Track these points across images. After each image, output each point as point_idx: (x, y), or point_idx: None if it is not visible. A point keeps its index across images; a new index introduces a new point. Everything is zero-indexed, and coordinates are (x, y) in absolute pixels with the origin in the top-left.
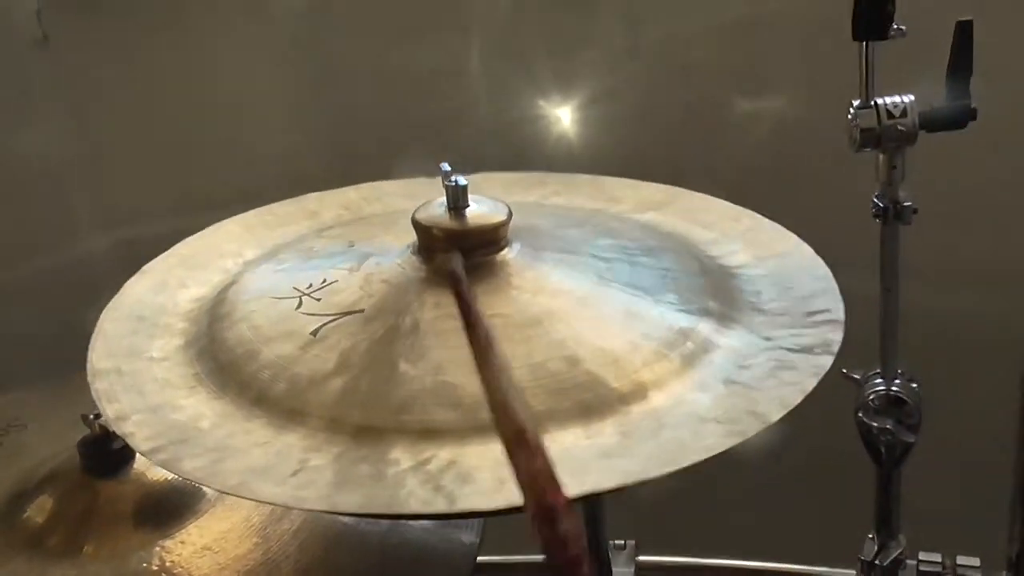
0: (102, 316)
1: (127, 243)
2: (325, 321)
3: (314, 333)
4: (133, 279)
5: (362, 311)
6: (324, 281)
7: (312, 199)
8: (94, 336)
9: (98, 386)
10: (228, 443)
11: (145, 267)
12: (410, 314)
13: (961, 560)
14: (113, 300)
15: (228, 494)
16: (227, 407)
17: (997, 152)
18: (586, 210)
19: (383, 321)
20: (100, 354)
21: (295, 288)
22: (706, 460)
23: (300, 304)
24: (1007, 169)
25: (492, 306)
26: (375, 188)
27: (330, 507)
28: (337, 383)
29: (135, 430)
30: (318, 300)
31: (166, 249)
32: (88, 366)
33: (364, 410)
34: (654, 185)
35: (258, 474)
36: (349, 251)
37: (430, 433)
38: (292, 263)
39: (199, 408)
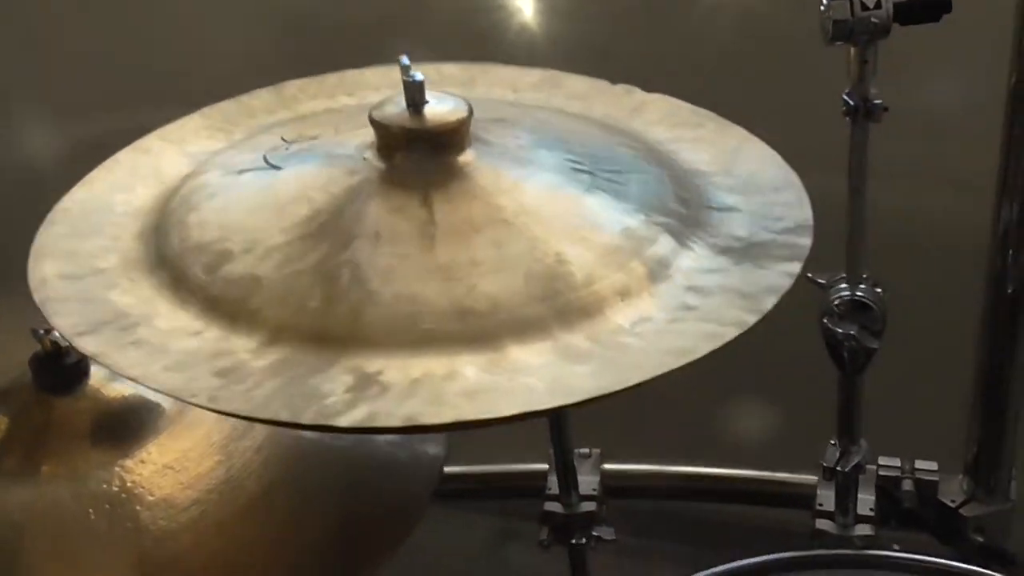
0: (47, 219)
1: (74, 143)
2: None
3: None
4: (78, 186)
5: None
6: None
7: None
8: (36, 242)
9: (42, 297)
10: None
11: (87, 176)
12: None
13: (919, 464)
14: (59, 204)
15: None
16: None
17: (969, 50)
18: (549, 108)
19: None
20: (43, 262)
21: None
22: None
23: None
24: (979, 69)
25: (456, 208)
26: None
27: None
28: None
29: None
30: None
31: (111, 148)
32: (30, 276)
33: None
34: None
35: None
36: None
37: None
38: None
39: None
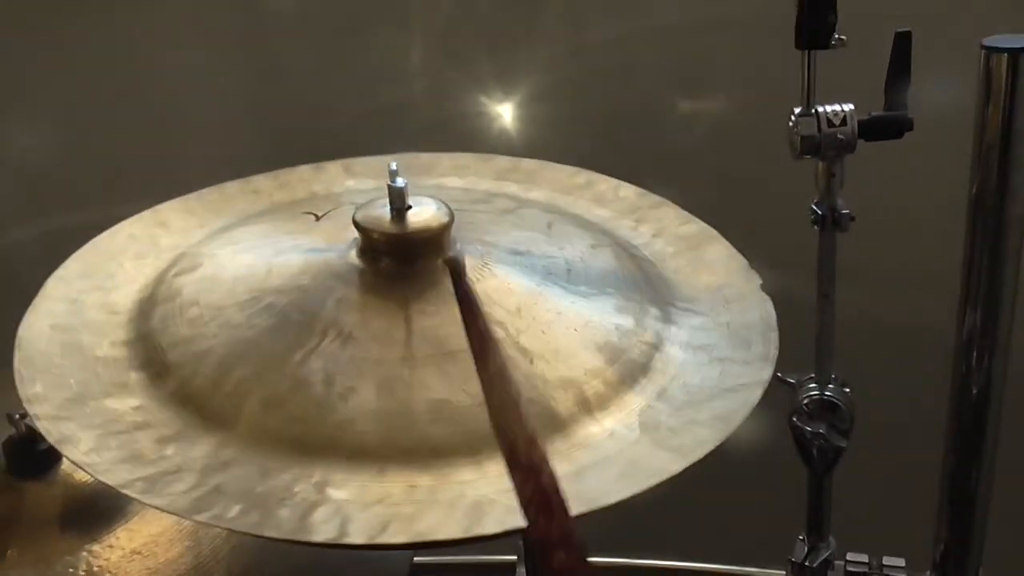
0: (29, 310)
1: (53, 234)
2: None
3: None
4: (28, 318)
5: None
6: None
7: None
8: (16, 365)
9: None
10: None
11: (34, 303)
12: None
13: (887, 560)
14: (40, 294)
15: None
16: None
17: (932, 160)
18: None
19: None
20: (31, 385)
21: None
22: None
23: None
24: (942, 177)
25: (438, 314)
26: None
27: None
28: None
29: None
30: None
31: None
32: (38, 423)
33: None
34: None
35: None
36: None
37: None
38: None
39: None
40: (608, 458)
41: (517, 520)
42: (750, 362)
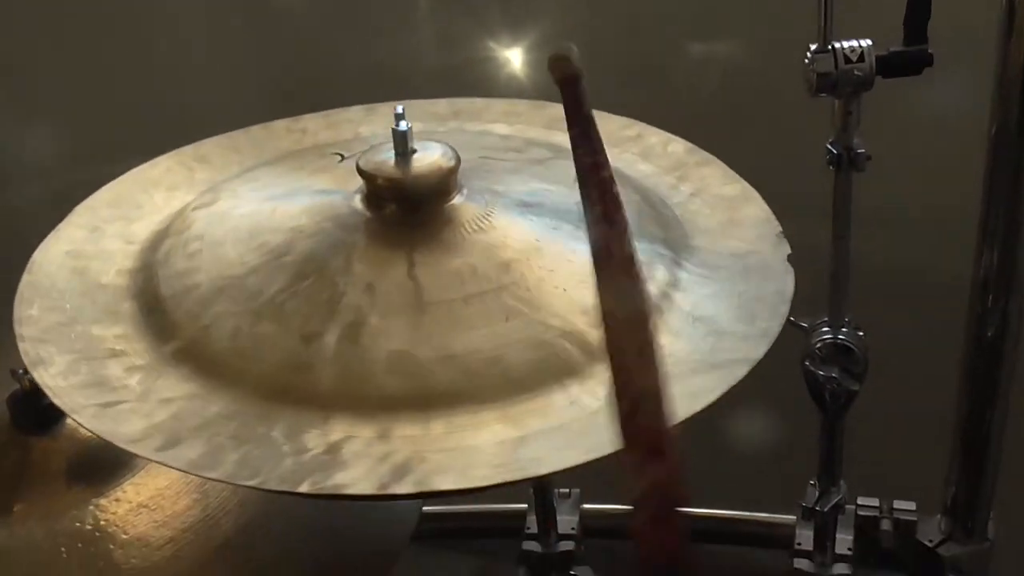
0: (50, 235)
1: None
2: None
3: None
4: (47, 242)
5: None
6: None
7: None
8: (21, 287)
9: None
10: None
11: (56, 229)
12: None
13: (898, 504)
14: (65, 220)
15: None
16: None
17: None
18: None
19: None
20: (27, 306)
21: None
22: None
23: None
24: (960, 118)
25: (458, 257)
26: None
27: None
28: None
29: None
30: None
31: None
32: (19, 342)
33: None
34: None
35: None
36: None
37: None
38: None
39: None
40: (558, 427)
41: (426, 484)
42: (748, 337)
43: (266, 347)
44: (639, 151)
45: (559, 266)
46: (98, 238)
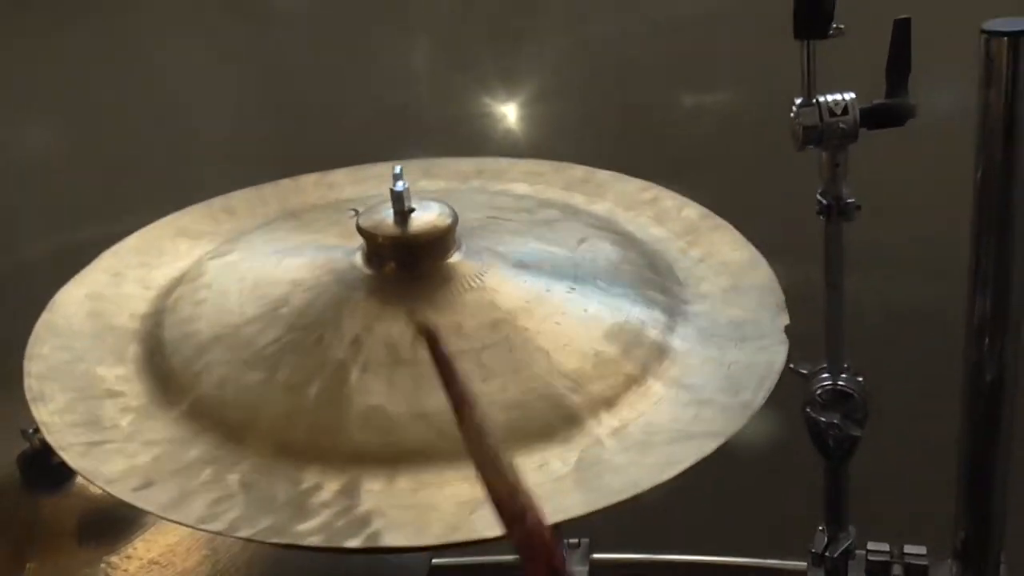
0: (74, 278)
1: (67, 249)
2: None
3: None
4: (69, 284)
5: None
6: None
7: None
8: (37, 325)
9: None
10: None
11: (80, 273)
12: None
13: (909, 549)
14: (91, 265)
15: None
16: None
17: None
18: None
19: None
20: (40, 345)
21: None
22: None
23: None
24: (946, 162)
25: (447, 316)
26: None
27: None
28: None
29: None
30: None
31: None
32: (25, 379)
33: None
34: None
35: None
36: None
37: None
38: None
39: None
40: None
41: (376, 540)
42: (728, 409)
43: (251, 396)
44: (654, 214)
45: (545, 328)
46: (119, 282)
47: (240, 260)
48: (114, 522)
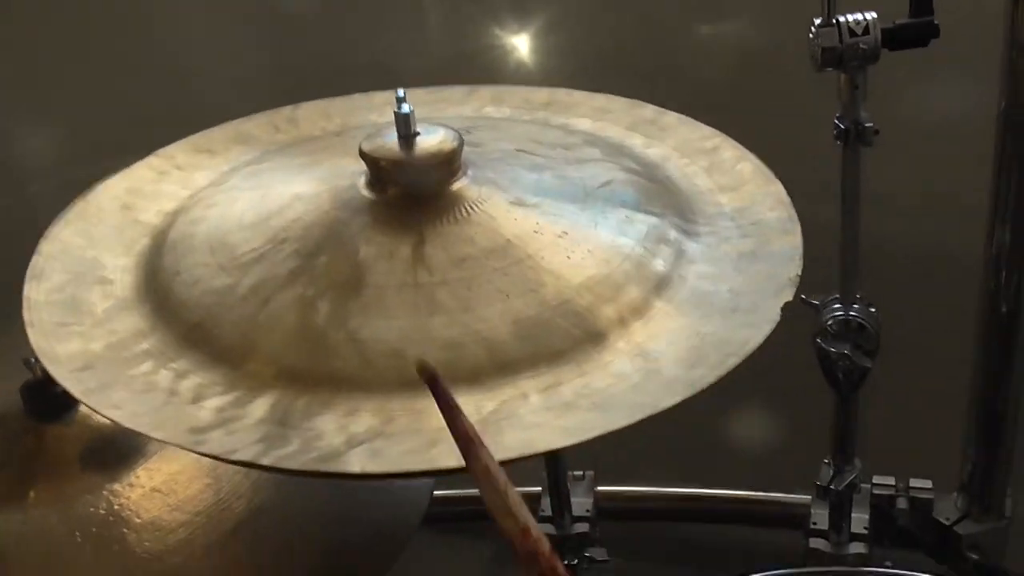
0: (72, 207)
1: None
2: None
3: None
4: (115, 177)
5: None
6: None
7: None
8: (72, 208)
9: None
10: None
11: (129, 168)
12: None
13: (914, 482)
14: (86, 193)
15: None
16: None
17: (959, 73)
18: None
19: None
20: (64, 227)
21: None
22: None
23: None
24: (968, 93)
25: (456, 242)
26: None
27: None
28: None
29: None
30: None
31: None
32: (34, 256)
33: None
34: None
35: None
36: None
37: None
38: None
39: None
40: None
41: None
42: (673, 383)
43: (211, 299)
44: (708, 163)
45: (533, 263)
46: (161, 180)
47: (266, 170)
48: (117, 450)
